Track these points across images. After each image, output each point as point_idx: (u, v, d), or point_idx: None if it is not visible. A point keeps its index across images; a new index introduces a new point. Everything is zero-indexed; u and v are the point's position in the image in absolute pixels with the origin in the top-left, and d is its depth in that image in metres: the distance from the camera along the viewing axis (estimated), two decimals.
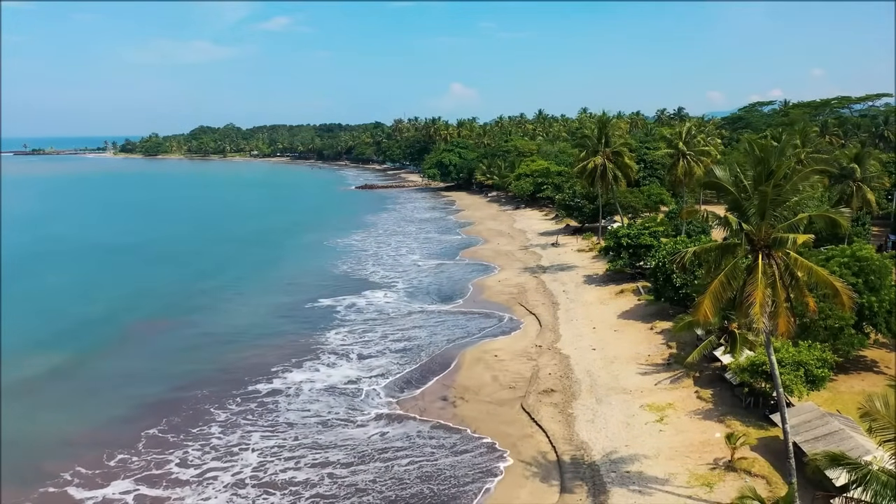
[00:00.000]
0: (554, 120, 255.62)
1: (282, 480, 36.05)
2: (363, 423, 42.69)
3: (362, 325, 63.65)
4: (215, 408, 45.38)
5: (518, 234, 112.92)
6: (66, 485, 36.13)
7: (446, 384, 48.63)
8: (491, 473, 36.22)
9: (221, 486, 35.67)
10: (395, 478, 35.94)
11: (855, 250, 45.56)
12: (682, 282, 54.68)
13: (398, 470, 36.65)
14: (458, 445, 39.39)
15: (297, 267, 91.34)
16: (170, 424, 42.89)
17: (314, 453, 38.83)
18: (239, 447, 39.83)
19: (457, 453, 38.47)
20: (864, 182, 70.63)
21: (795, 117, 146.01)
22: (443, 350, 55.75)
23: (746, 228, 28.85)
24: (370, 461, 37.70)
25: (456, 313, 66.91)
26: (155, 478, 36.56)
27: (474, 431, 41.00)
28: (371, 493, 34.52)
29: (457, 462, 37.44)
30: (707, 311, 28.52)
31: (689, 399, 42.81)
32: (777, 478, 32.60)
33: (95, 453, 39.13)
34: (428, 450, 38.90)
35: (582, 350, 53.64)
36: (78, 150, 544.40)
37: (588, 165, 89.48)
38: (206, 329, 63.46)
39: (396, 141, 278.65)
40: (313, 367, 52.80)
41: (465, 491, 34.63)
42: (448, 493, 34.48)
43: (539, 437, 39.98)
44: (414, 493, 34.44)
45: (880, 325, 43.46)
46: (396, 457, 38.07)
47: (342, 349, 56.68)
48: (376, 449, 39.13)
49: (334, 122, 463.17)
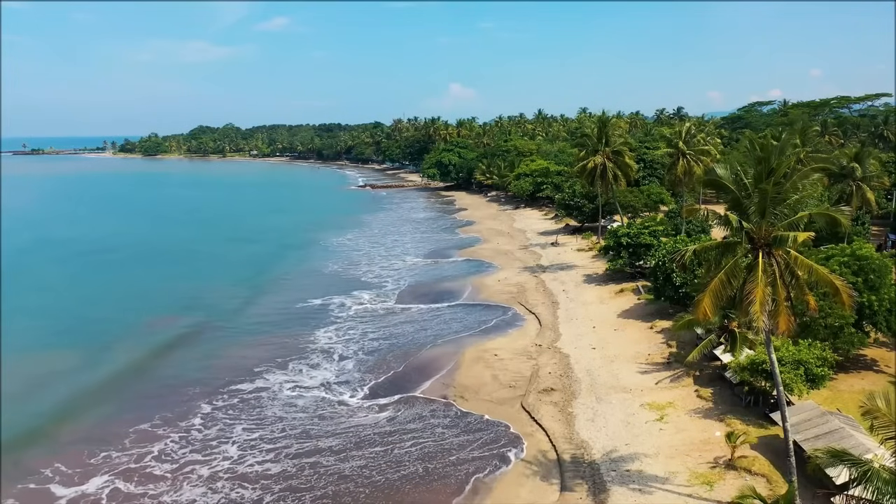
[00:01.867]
0: (553, 120, 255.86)
1: (254, 473, 36.56)
2: (358, 424, 42.70)
3: (363, 325, 63.63)
4: (205, 402, 45.93)
5: (517, 233, 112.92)
6: (48, 481, 36.46)
7: (446, 383, 48.59)
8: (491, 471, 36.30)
9: (198, 479, 36.19)
10: (393, 461, 36.27)
11: (855, 249, 45.60)
12: (682, 281, 54.68)
13: (397, 455, 36.81)
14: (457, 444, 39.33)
15: (296, 266, 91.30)
16: (160, 420, 43.44)
17: (299, 450, 39.03)
18: (219, 440, 40.39)
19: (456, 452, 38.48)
20: (863, 181, 70.71)
21: (795, 117, 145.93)
22: (443, 349, 55.74)
23: (747, 227, 28.84)
24: (373, 458, 37.77)
25: (456, 312, 66.84)
26: (133, 472, 37.04)
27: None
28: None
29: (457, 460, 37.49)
30: (707, 310, 28.52)
31: (689, 398, 42.81)
32: (777, 476, 32.60)
33: (79, 448, 39.63)
34: (428, 449, 38.92)
35: (582, 349, 53.64)
36: (77, 150, 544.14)
37: (588, 165, 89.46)
38: (199, 328, 63.34)
39: (396, 141, 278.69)
40: (302, 366, 52.89)
41: (465, 489, 34.73)
42: (448, 490, 34.58)
43: (539, 435, 39.98)
44: (408, 483, 34.58)
45: (880, 324, 43.49)
46: (393, 444, 38.17)
47: (337, 348, 56.74)
48: (375, 446, 39.20)
49: (334, 122, 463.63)
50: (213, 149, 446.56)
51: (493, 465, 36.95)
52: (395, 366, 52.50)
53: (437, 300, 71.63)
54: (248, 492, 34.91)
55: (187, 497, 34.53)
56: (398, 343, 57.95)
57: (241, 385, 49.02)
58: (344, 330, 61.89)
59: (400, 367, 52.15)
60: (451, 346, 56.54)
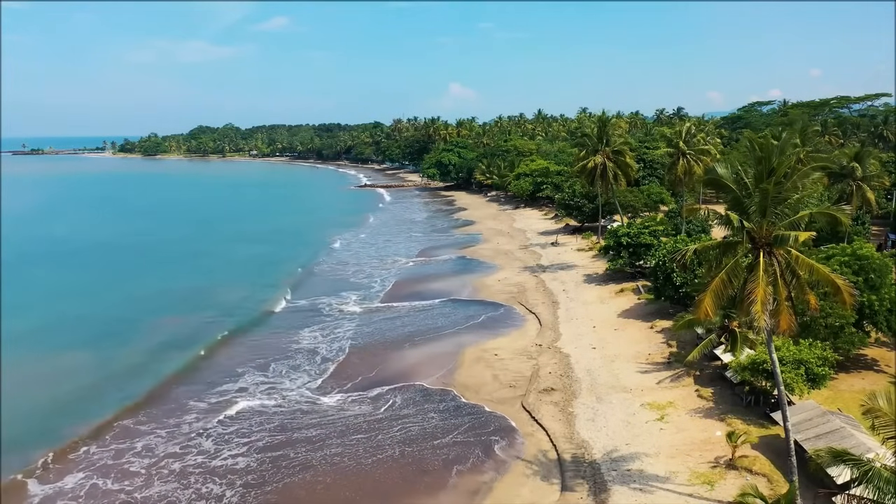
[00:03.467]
0: (553, 120, 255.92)
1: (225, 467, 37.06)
2: (355, 424, 42.71)
3: (363, 323, 63.60)
4: (194, 401, 46.38)
5: (517, 233, 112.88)
6: (28, 476, 36.92)
7: (446, 382, 48.56)
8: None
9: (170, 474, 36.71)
10: (381, 454, 36.12)
11: (855, 249, 45.59)
12: (683, 280, 54.66)
13: (391, 452, 36.80)
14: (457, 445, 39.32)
15: (299, 265, 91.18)
16: (144, 416, 44.13)
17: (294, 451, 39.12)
18: (195, 437, 40.91)
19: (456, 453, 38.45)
20: (863, 181, 70.70)
21: (795, 117, 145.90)
22: (443, 348, 55.64)
23: (748, 226, 28.82)
24: (353, 446, 37.82)
25: (456, 311, 66.75)
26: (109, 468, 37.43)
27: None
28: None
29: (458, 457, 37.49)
30: (708, 309, 28.52)
31: (689, 398, 42.79)
32: (778, 476, 32.57)
33: (63, 446, 40.00)
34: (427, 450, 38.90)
35: (582, 349, 53.61)
36: (77, 150, 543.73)
37: (588, 164, 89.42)
38: (191, 328, 63.17)
39: (396, 141, 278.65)
40: (291, 365, 52.99)
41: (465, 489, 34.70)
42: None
43: (540, 435, 39.95)
44: (404, 482, 34.60)
45: (881, 324, 43.46)
46: (379, 433, 38.21)
47: (336, 347, 56.68)
48: (359, 434, 39.21)
49: (333, 122, 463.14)
50: (213, 149, 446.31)
51: (492, 463, 36.93)
52: (396, 364, 52.46)
53: (436, 299, 71.54)
54: (247, 461, 35.28)
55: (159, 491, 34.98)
56: (398, 343, 57.82)
57: (226, 385, 49.12)
58: (342, 327, 61.82)
59: (400, 366, 52.09)
60: (451, 345, 56.47)
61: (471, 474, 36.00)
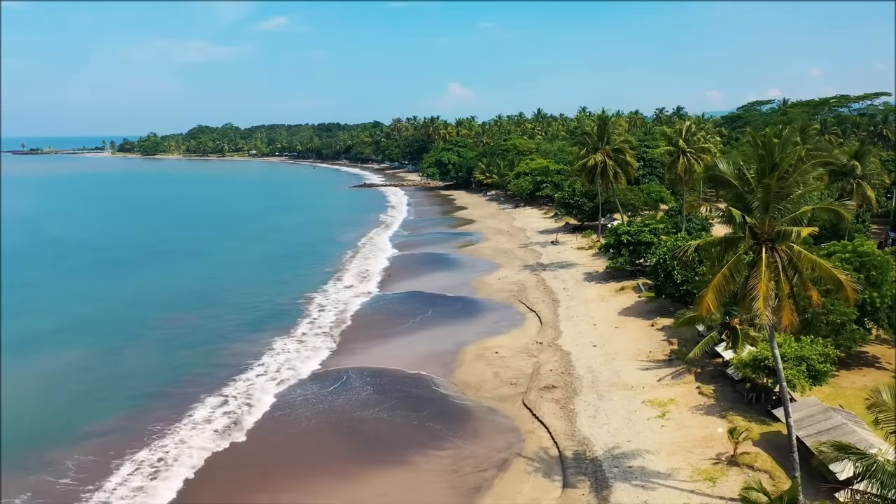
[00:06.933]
0: (553, 119, 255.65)
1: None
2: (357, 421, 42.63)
3: (362, 323, 63.57)
4: (189, 402, 45.85)
5: (517, 232, 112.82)
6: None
7: (447, 380, 48.49)
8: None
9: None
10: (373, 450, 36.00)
11: (856, 245, 45.57)
12: (683, 278, 54.63)
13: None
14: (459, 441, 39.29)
15: (299, 265, 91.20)
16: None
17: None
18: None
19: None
20: (863, 179, 70.74)
21: (794, 116, 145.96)
22: (443, 346, 55.53)
23: (750, 222, 28.77)
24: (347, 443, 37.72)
25: (456, 310, 66.65)
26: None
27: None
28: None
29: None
30: (710, 305, 28.49)
31: (690, 395, 42.74)
32: (780, 472, 32.53)
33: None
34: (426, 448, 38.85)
35: (583, 346, 53.56)
36: (76, 150, 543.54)
37: (588, 163, 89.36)
38: (185, 326, 63.14)
39: (395, 140, 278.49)
40: (285, 366, 52.66)
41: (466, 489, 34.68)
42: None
43: (541, 432, 39.90)
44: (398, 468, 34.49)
45: (882, 321, 43.46)
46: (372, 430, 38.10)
47: (333, 343, 56.66)
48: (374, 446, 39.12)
49: (333, 122, 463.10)
50: (212, 148, 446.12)
51: (493, 461, 36.85)
52: (394, 363, 52.27)
53: (436, 298, 71.42)
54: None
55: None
56: (398, 342, 57.76)
57: (220, 389, 48.34)
58: (339, 325, 61.88)
59: (398, 365, 51.97)
60: (451, 343, 56.38)
61: (472, 472, 35.92)
